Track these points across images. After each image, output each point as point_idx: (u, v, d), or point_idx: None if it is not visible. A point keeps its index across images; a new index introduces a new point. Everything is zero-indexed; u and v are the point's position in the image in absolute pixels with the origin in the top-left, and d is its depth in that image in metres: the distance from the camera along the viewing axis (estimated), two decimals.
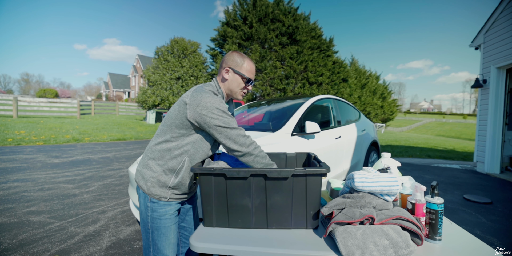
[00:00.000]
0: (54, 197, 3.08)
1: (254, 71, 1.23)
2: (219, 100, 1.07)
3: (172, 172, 1.11)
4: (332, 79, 12.37)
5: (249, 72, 1.20)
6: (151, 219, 1.12)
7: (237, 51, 1.22)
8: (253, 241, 0.91)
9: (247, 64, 1.20)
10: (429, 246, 0.88)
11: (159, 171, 1.11)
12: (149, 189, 1.11)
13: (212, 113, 1.03)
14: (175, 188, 1.13)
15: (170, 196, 1.13)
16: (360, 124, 3.78)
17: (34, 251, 1.96)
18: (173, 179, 1.11)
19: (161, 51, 15.36)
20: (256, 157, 1.08)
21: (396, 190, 0.95)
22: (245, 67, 1.19)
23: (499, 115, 5.14)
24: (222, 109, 1.05)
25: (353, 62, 20.48)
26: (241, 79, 1.19)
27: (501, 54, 4.91)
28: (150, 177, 1.11)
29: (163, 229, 1.12)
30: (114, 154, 5.88)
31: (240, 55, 1.20)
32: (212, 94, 1.09)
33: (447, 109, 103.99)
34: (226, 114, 1.06)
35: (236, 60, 1.18)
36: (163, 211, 1.12)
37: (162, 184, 1.11)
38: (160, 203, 1.12)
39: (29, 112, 11.91)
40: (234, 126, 1.06)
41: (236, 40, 11.67)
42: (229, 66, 1.18)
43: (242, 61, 1.19)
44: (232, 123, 1.06)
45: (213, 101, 1.04)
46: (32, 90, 55.69)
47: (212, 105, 1.03)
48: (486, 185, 4.27)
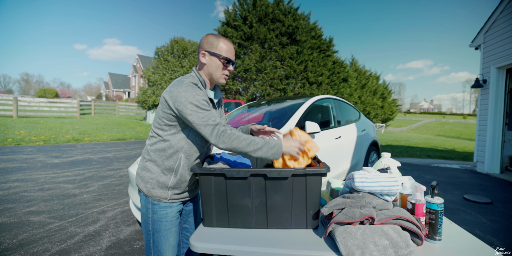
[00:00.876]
0: (54, 197, 3.08)
1: (232, 51, 1.14)
2: (194, 92, 1.01)
3: (170, 171, 1.09)
4: (332, 79, 12.37)
5: (226, 52, 1.11)
6: (152, 221, 1.11)
7: (212, 33, 1.13)
8: (253, 241, 0.91)
9: (222, 43, 1.11)
10: (429, 246, 0.88)
11: (158, 172, 1.09)
12: (149, 191, 1.10)
13: (186, 108, 0.99)
14: (176, 188, 1.12)
15: (171, 196, 1.11)
16: (360, 124, 3.78)
17: (34, 251, 1.96)
18: (172, 179, 1.10)
19: (161, 51, 15.37)
20: (233, 142, 1.00)
21: (396, 190, 0.95)
22: (221, 47, 1.10)
23: (499, 115, 5.14)
24: (196, 103, 0.99)
25: (353, 62, 20.47)
26: (219, 61, 1.11)
27: (501, 54, 4.90)
28: (149, 178, 1.10)
29: (163, 231, 1.11)
30: (114, 154, 5.88)
31: (214, 36, 1.11)
32: (190, 86, 1.04)
33: (447, 109, 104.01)
34: (200, 108, 1.00)
35: (211, 41, 1.10)
36: (164, 213, 1.11)
37: (162, 184, 1.09)
38: (161, 205, 1.10)
39: (29, 112, 11.91)
40: (207, 123, 1.00)
41: (236, 40, 11.67)
42: (204, 49, 1.11)
43: (217, 41, 1.10)
44: (205, 118, 1.00)
45: (187, 96, 1.00)
46: (32, 90, 55.70)
47: (186, 100, 0.99)
48: (486, 185, 4.27)
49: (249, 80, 11.59)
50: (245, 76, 11.54)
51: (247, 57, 11.61)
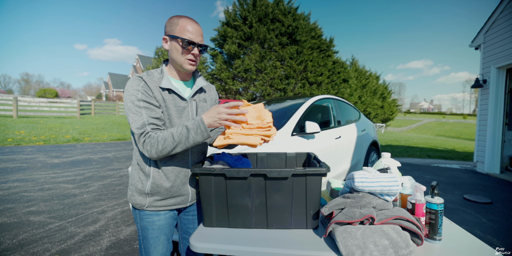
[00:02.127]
0: (54, 197, 3.08)
1: (196, 31, 0.97)
2: (131, 91, 0.93)
3: (145, 176, 1.02)
4: (332, 79, 12.38)
5: (187, 32, 0.95)
6: (140, 227, 1.08)
7: (177, 15, 0.99)
8: (253, 241, 0.91)
9: (181, 23, 0.95)
10: (429, 246, 0.88)
11: (136, 178, 1.04)
12: (130, 198, 1.07)
13: (125, 104, 0.95)
14: (154, 194, 1.03)
15: (151, 203, 1.03)
16: (360, 124, 3.78)
17: (34, 251, 1.96)
18: (147, 184, 1.02)
19: (161, 51, 15.39)
20: (159, 146, 0.90)
21: (396, 190, 0.95)
22: (180, 27, 0.95)
23: (499, 115, 5.14)
24: (129, 104, 0.93)
25: (354, 62, 20.49)
26: (178, 44, 0.96)
27: (501, 54, 4.90)
28: (130, 185, 1.07)
29: (150, 239, 1.07)
30: (114, 154, 5.88)
31: (176, 17, 0.98)
32: (131, 81, 0.96)
33: (447, 109, 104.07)
34: (131, 111, 0.93)
35: (171, 23, 0.97)
36: (150, 221, 1.05)
37: (140, 191, 1.03)
38: (145, 212, 1.05)
39: (29, 112, 11.90)
40: (134, 130, 0.92)
41: (236, 40, 11.67)
42: (166, 34, 0.99)
43: (176, 22, 0.96)
44: (133, 123, 0.91)
45: (125, 96, 0.95)
46: (32, 90, 55.74)
47: (125, 96, 0.96)
48: (486, 185, 4.27)
49: (249, 80, 11.59)
50: (245, 76, 11.54)
51: (247, 57, 11.61)
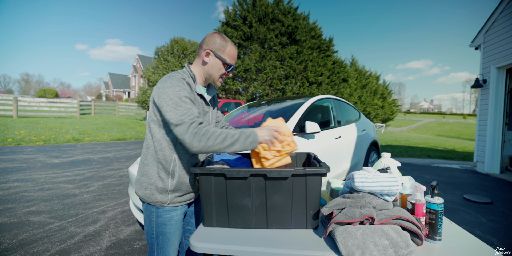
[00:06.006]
0: (54, 197, 3.08)
1: (236, 56, 1.13)
2: (178, 88, 0.97)
3: (167, 174, 1.06)
4: (332, 79, 12.37)
5: (231, 58, 1.10)
6: (156, 224, 1.09)
7: (219, 33, 1.10)
8: (253, 241, 0.91)
9: (230, 48, 1.08)
10: (429, 246, 0.88)
11: (155, 177, 1.06)
12: (149, 197, 1.07)
13: (166, 104, 0.95)
14: (176, 190, 1.08)
15: (172, 200, 1.08)
16: (360, 124, 3.78)
17: (34, 251, 1.96)
18: (171, 182, 1.06)
19: (161, 51, 15.38)
20: (209, 140, 0.93)
21: (396, 190, 0.95)
22: (227, 52, 1.08)
23: (499, 115, 5.14)
24: (176, 99, 0.95)
25: (353, 62, 20.48)
26: (222, 64, 1.09)
27: (501, 54, 4.90)
28: (148, 184, 1.07)
29: (168, 234, 1.09)
30: (114, 154, 5.88)
31: (222, 38, 1.08)
32: (176, 80, 0.99)
33: (447, 109, 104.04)
34: (178, 105, 0.94)
35: (219, 43, 1.06)
36: (168, 217, 1.08)
37: (161, 189, 1.06)
38: (164, 209, 1.08)
39: (29, 112, 11.90)
40: (182, 121, 0.93)
41: (236, 40, 11.68)
42: (210, 48, 1.07)
43: (225, 44, 1.07)
44: (183, 116, 0.93)
45: (170, 92, 0.96)
46: (32, 90, 55.73)
47: (168, 96, 0.95)
48: (486, 185, 4.27)
49: (249, 80, 11.59)
50: (245, 76, 11.54)
51: (247, 57, 11.61)
